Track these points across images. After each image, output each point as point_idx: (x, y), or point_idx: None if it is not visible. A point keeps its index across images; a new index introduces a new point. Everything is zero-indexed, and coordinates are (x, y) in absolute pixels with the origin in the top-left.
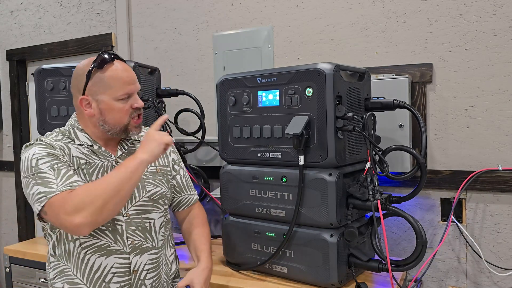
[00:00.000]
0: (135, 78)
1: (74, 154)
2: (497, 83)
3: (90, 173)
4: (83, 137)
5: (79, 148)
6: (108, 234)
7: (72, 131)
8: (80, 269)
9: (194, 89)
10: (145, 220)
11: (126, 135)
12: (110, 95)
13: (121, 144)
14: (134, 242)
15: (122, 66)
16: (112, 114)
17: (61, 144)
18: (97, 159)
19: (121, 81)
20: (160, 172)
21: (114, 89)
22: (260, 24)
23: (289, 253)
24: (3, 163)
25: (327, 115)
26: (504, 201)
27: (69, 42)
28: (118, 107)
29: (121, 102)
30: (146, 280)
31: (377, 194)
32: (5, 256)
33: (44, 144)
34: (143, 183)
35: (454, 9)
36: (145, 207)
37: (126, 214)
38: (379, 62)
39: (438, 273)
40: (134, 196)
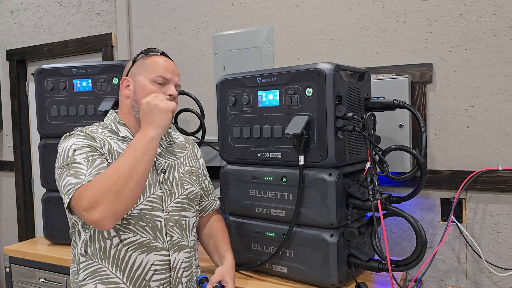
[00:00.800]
0: (176, 72)
1: (114, 147)
2: (497, 83)
3: None
4: (125, 131)
5: (120, 142)
6: (148, 230)
7: (114, 126)
8: (119, 267)
9: (194, 89)
10: (182, 217)
11: None
12: (147, 76)
13: (160, 143)
14: (173, 238)
15: (167, 59)
16: (144, 94)
17: (101, 137)
18: None
19: (160, 65)
20: (194, 172)
21: (151, 71)
22: (260, 24)
23: (289, 253)
24: (3, 163)
25: (327, 115)
26: (504, 201)
27: (69, 42)
28: (151, 89)
29: (155, 85)
30: (183, 278)
31: (377, 194)
32: (5, 256)
33: (84, 135)
34: (181, 181)
35: (454, 9)
36: (183, 205)
37: (166, 210)
38: (379, 62)
39: (438, 273)
40: (173, 193)
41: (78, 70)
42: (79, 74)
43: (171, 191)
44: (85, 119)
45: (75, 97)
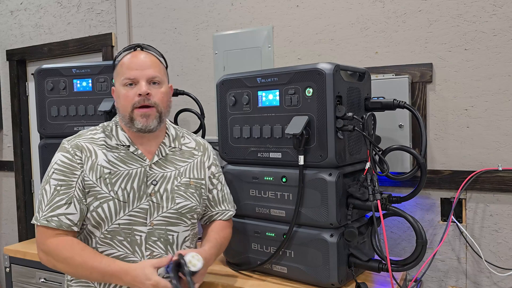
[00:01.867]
0: (146, 65)
1: (100, 162)
2: (497, 83)
3: (113, 182)
4: (122, 136)
5: (110, 152)
6: (126, 245)
7: (114, 129)
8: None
9: (194, 89)
10: (169, 232)
11: (134, 126)
12: (118, 81)
13: (160, 149)
14: (153, 253)
15: (136, 54)
16: (119, 101)
17: (91, 148)
18: (123, 167)
19: (124, 66)
20: (193, 184)
21: (119, 75)
22: (260, 24)
23: (289, 253)
24: (3, 163)
25: (327, 115)
26: (504, 201)
27: (69, 42)
28: (122, 93)
29: (125, 88)
30: None
31: (377, 194)
32: (5, 256)
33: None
34: (173, 194)
35: (454, 9)
36: (171, 219)
37: (150, 224)
38: (379, 62)
39: (438, 273)
40: (161, 206)
41: (78, 70)
42: (79, 74)
43: (159, 204)
44: (85, 119)
45: (75, 97)
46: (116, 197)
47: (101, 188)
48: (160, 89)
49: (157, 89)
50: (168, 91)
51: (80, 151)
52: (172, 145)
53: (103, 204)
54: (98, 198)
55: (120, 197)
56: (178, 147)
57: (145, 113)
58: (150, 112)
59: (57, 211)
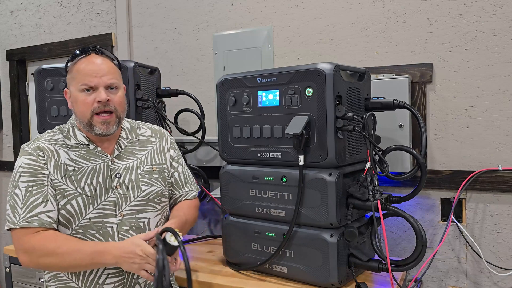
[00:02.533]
0: (104, 72)
1: (63, 160)
2: (497, 83)
3: (78, 179)
4: (80, 136)
5: (72, 151)
6: (99, 237)
7: (71, 130)
8: (74, 273)
9: (194, 89)
10: (140, 219)
11: (92, 131)
12: (74, 85)
13: (118, 144)
14: None
15: (93, 59)
16: (76, 106)
17: (52, 148)
18: (86, 163)
19: (82, 72)
20: (156, 170)
21: (76, 80)
22: (260, 24)
23: (289, 253)
24: (3, 163)
25: (327, 115)
26: (504, 201)
27: (69, 42)
28: (80, 99)
29: (83, 94)
30: (140, 278)
31: (377, 194)
32: (5, 256)
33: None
34: (138, 183)
35: (454, 9)
36: (140, 207)
37: (120, 215)
38: (379, 62)
39: (438, 273)
40: (128, 196)
41: None
42: None
43: (126, 195)
44: None
45: None
46: (83, 193)
47: (67, 185)
48: (118, 94)
49: (115, 94)
50: (124, 94)
51: (42, 152)
52: (129, 137)
53: (71, 200)
54: (66, 195)
55: (88, 192)
56: (136, 138)
57: (106, 120)
58: (110, 119)
59: (36, 210)
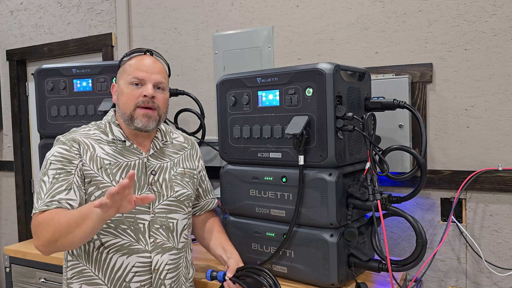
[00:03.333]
0: (154, 70)
1: (98, 154)
2: (497, 83)
3: (114, 173)
4: (117, 132)
5: (108, 146)
6: (130, 233)
7: (108, 126)
8: (101, 269)
9: (194, 89)
10: (170, 219)
11: (133, 124)
12: (124, 79)
13: (154, 143)
14: (157, 240)
15: (147, 58)
16: (122, 98)
17: (88, 142)
18: (122, 159)
19: (134, 66)
20: (187, 174)
21: (127, 73)
22: (260, 24)
23: (289, 253)
24: (3, 163)
25: (327, 115)
26: (504, 201)
27: (69, 42)
28: (127, 91)
29: (131, 86)
30: (166, 280)
31: (377, 194)
32: (5, 256)
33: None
34: (172, 183)
35: (454, 9)
36: (171, 207)
37: (152, 212)
38: (379, 62)
39: (438, 273)
40: (162, 195)
41: (78, 70)
42: (79, 74)
43: (160, 193)
44: (85, 119)
45: (75, 97)
46: None
47: (103, 177)
48: (163, 95)
49: (160, 94)
50: (168, 98)
51: (78, 144)
52: (164, 139)
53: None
54: (100, 187)
55: None
56: (170, 141)
57: (148, 114)
58: (152, 114)
59: (57, 196)
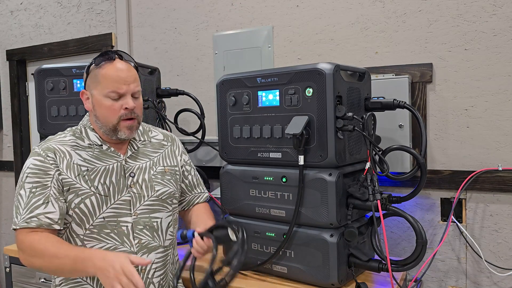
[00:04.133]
0: (131, 79)
1: (75, 161)
2: (497, 83)
3: (92, 178)
4: (93, 137)
5: (85, 151)
6: (114, 236)
7: (84, 131)
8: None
9: (194, 89)
10: (153, 219)
11: (116, 136)
12: (100, 90)
13: (131, 144)
14: (141, 241)
15: (119, 65)
16: (101, 111)
17: (63, 149)
18: (99, 163)
19: (110, 79)
20: (168, 172)
21: (103, 85)
22: (260, 24)
23: (289, 253)
24: (3, 163)
25: (327, 115)
26: (504, 201)
27: (69, 42)
28: (106, 105)
29: (109, 99)
30: (154, 278)
31: (377, 194)
32: (5, 256)
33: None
34: (152, 183)
35: (454, 9)
36: (153, 206)
37: (134, 214)
38: (379, 62)
39: (438, 273)
40: (142, 196)
41: (78, 70)
42: (79, 74)
43: (140, 194)
44: None
45: (75, 97)
46: (97, 192)
47: (81, 184)
48: (139, 100)
49: (137, 102)
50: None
51: (53, 153)
52: (142, 139)
53: (85, 199)
54: (79, 194)
55: (101, 191)
56: (148, 140)
57: (131, 125)
58: (133, 124)
59: (36, 211)
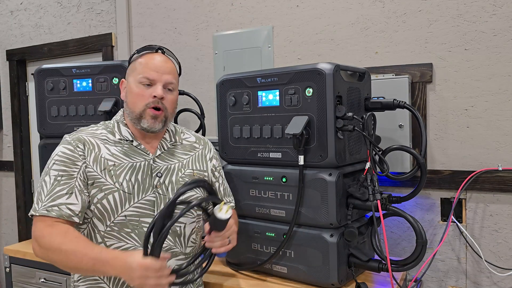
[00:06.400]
0: (165, 70)
1: (103, 154)
2: (497, 83)
3: (118, 174)
4: (125, 132)
5: (114, 146)
6: (134, 237)
7: (116, 125)
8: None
9: (194, 89)
10: (177, 223)
11: (140, 124)
12: (134, 77)
13: (161, 144)
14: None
15: (158, 57)
16: (131, 96)
17: (93, 141)
18: (127, 160)
19: (145, 65)
20: (197, 175)
21: (137, 71)
22: (260, 24)
23: (289, 253)
24: (3, 163)
25: (327, 115)
26: (504, 201)
27: (69, 42)
28: (136, 91)
29: (141, 86)
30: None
31: (377, 194)
32: (5, 256)
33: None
34: (179, 185)
35: (454, 9)
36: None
37: None
38: (379, 62)
39: (438, 273)
40: (168, 198)
41: (78, 70)
42: (79, 74)
43: (166, 195)
44: (85, 119)
45: (75, 97)
46: (121, 188)
47: (105, 179)
48: (172, 96)
49: (169, 95)
50: (177, 98)
51: (83, 144)
52: (173, 139)
53: (108, 195)
54: (103, 189)
55: (125, 189)
56: (179, 141)
57: (155, 115)
58: (159, 115)
59: (58, 200)
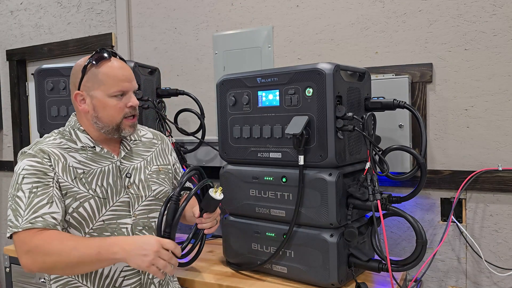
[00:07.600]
0: (132, 77)
1: (70, 163)
2: (497, 83)
3: (89, 181)
4: (85, 139)
5: (78, 154)
6: None
7: (73, 133)
8: (89, 278)
9: (194, 89)
10: (151, 219)
11: (119, 134)
12: (103, 91)
13: (123, 144)
14: None
15: (118, 64)
16: (105, 111)
17: (57, 152)
18: (95, 165)
19: (115, 78)
20: (162, 170)
21: (107, 85)
22: (260, 24)
23: (289, 253)
24: (3, 163)
25: (327, 115)
26: (504, 201)
27: (69, 42)
28: (111, 104)
29: (114, 99)
30: (155, 279)
31: (377, 194)
32: (5, 256)
33: (36, 155)
34: (148, 182)
35: (454, 9)
36: (151, 206)
37: (133, 215)
38: (379, 62)
39: (438, 273)
40: (140, 196)
41: None
42: None
43: (138, 194)
44: None
45: None
46: (95, 195)
47: (78, 188)
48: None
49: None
50: None
51: (48, 156)
52: (133, 138)
53: (83, 203)
54: (77, 198)
55: (100, 194)
56: (138, 139)
57: (134, 123)
58: (135, 122)
59: (40, 211)
